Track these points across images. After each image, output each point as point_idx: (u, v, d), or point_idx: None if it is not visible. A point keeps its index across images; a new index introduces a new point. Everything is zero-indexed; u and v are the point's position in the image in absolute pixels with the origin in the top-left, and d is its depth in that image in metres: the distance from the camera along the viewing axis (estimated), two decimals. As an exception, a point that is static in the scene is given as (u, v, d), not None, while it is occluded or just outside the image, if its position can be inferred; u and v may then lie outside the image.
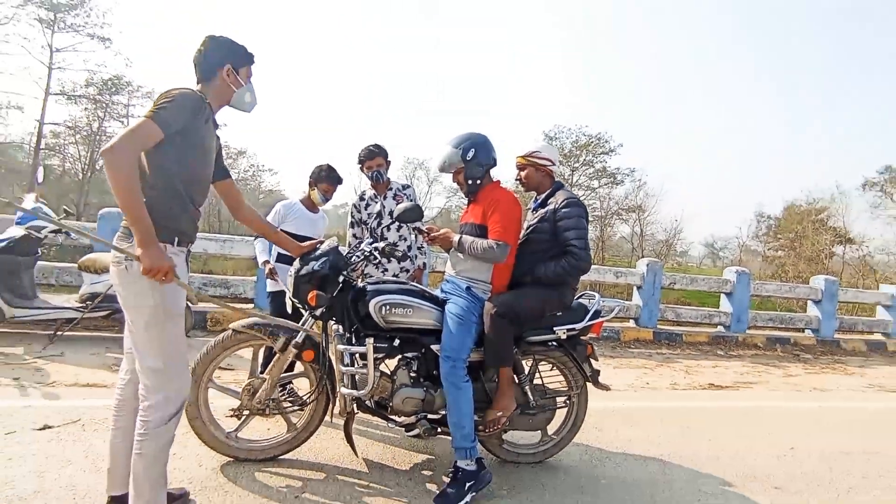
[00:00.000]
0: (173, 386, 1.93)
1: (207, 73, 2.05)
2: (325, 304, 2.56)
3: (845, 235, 21.08)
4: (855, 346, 8.86)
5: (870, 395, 5.81)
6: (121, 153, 1.74)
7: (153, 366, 1.89)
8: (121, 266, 1.90)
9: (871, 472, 3.35)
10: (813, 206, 22.42)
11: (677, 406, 4.51)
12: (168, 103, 1.83)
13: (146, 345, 1.90)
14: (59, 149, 24.05)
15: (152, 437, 1.88)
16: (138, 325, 1.90)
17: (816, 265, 19.64)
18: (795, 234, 21.83)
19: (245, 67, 2.13)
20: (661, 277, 8.07)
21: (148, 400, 1.90)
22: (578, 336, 2.90)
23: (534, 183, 2.94)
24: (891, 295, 9.70)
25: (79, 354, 4.43)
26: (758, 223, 25.62)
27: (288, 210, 3.53)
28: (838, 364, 7.54)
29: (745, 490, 2.92)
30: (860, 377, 6.74)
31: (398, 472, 2.76)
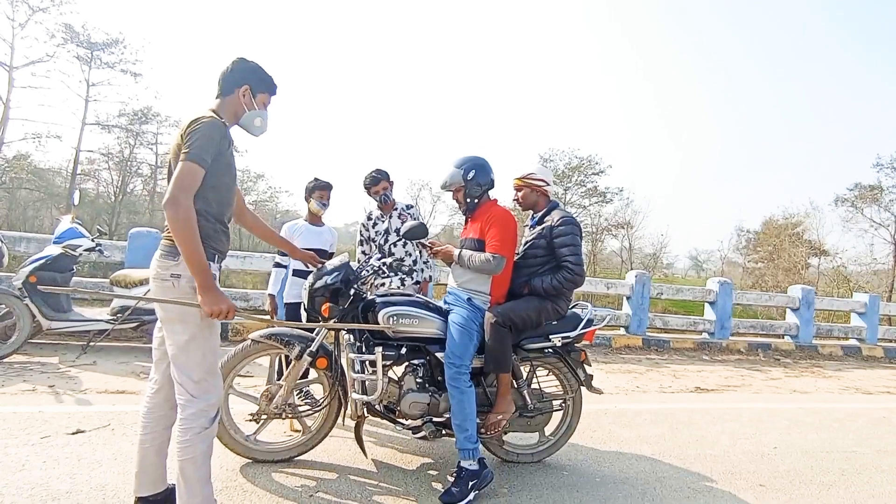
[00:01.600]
0: (214, 393, 1.94)
1: (226, 89, 2.02)
2: (338, 315, 2.57)
3: (820, 248, 21.02)
4: (832, 350, 8.78)
5: (846, 396, 5.74)
6: (182, 205, 1.76)
7: (195, 377, 1.88)
8: (166, 283, 1.89)
9: (849, 469, 3.30)
10: (789, 220, 22.40)
11: (666, 408, 4.46)
12: (200, 139, 1.82)
13: (188, 357, 1.88)
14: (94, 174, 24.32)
15: (198, 441, 1.87)
16: (180, 339, 1.88)
17: (794, 275, 19.55)
18: (773, 247, 21.77)
19: (264, 94, 2.09)
20: (649, 288, 8.04)
21: (190, 408, 1.88)
22: (573, 343, 2.89)
23: (530, 202, 2.96)
24: (864, 303, 9.64)
25: (109, 363, 4.42)
26: (738, 237, 25.64)
27: (293, 230, 3.55)
28: (816, 368, 7.46)
29: (730, 487, 2.88)
30: (837, 380, 6.66)
31: (405, 471, 2.74)
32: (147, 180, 25.39)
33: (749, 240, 24.70)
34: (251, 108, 2.06)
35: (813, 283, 18.91)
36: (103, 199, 24.11)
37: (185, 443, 1.86)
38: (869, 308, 9.53)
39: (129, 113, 22.42)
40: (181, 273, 1.89)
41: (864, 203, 20.17)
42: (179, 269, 1.89)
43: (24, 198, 21.74)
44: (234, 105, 2.03)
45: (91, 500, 2.15)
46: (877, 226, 19.96)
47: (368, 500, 2.38)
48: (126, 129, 22.67)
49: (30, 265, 4.43)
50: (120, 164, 23.57)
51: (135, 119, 22.62)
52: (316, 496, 2.37)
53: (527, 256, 2.85)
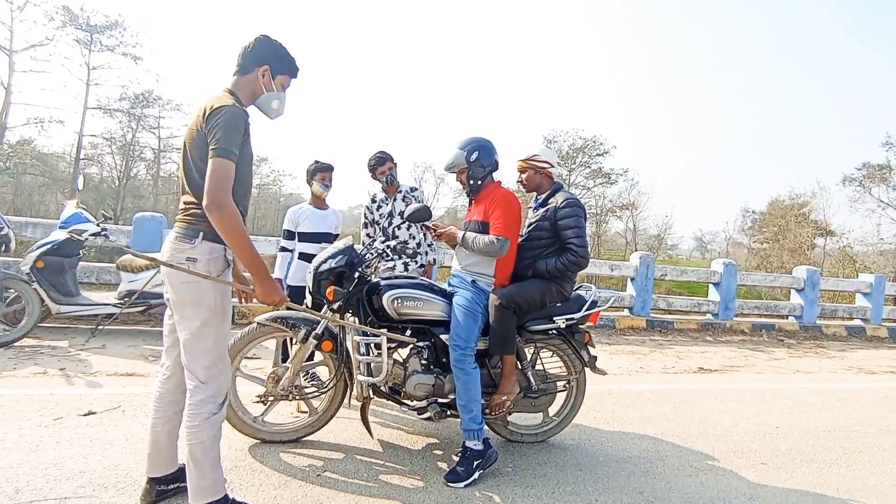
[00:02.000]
0: (223, 379, 1.94)
1: (245, 67, 1.96)
2: (343, 298, 2.58)
3: (826, 228, 20.86)
4: (836, 331, 8.77)
5: (849, 376, 5.75)
6: (226, 206, 1.74)
7: (205, 362, 1.88)
8: (183, 266, 1.86)
9: (850, 448, 3.32)
10: (795, 200, 22.20)
11: (669, 388, 4.49)
12: (226, 132, 1.77)
13: (199, 343, 1.87)
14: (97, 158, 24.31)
15: (208, 425, 1.87)
16: (194, 324, 1.86)
17: (799, 256, 19.46)
18: (779, 228, 21.64)
19: (284, 76, 2.03)
20: (654, 269, 8.02)
21: (199, 394, 1.87)
22: (577, 325, 2.89)
23: (534, 184, 2.93)
24: (869, 283, 9.59)
25: (118, 346, 4.48)
26: (743, 217, 25.47)
27: (299, 214, 3.55)
28: (820, 348, 7.47)
29: (733, 466, 2.91)
30: (840, 360, 6.67)
31: (411, 452, 2.78)
32: (150, 164, 25.37)
33: (755, 220, 24.56)
34: (269, 89, 2.00)
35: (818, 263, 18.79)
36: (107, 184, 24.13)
37: (195, 428, 1.86)
38: (874, 288, 9.48)
39: (131, 97, 22.32)
40: (197, 257, 1.87)
41: (872, 183, 19.92)
42: (196, 253, 1.87)
43: (29, 183, 21.79)
44: (252, 85, 1.97)
45: (104, 480, 2.20)
46: (884, 205, 19.75)
47: (374, 480, 2.42)
48: (128, 112, 22.59)
49: (37, 250, 4.46)
50: (123, 148, 23.53)
51: (136, 103, 22.53)
52: (323, 475, 2.41)
53: (531, 238, 2.84)
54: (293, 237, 3.54)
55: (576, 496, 2.41)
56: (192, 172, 1.85)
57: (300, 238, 3.53)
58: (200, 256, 1.87)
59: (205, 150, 1.80)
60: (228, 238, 1.78)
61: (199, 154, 1.82)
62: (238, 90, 1.96)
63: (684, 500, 2.46)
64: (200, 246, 1.87)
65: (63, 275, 4.58)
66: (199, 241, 1.87)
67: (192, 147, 1.84)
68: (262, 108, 2.05)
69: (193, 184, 1.86)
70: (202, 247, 1.87)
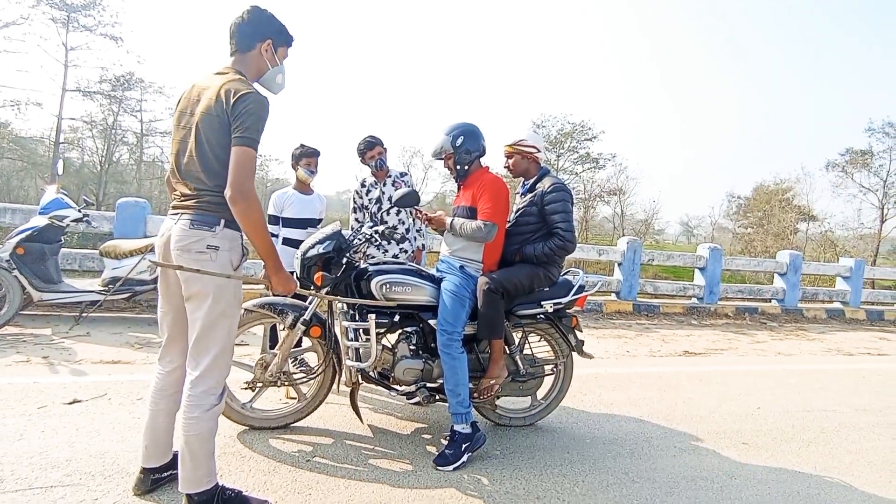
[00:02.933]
0: (226, 370, 1.90)
1: (245, 45, 1.88)
2: (331, 284, 2.56)
3: (809, 213, 21.18)
4: (816, 314, 8.97)
5: (828, 358, 5.89)
6: (252, 197, 1.73)
7: (214, 352, 1.83)
8: (203, 255, 1.79)
9: (828, 427, 3.41)
10: (780, 186, 22.47)
11: (655, 371, 4.56)
12: (254, 121, 1.73)
13: (214, 332, 1.82)
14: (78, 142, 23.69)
15: (207, 417, 1.83)
16: (214, 313, 1.81)
17: (782, 241, 19.78)
18: (763, 213, 21.92)
19: (283, 47, 1.97)
20: (640, 254, 8.09)
21: (200, 386, 1.82)
22: (564, 309, 2.91)
23: (521, 169, 2.92)
24: (849, 267, 9.79)
25: (103, 334, 4.42)
26: (729, 203, 25.72)
27: (283, 199, 3.50)
28: (801, 331, 7.64)
29: (715, 446, 2.98)
30: (820, 342, 6.83)
31: (400, 436, 2.79)
32: (133, 148, 24.81)
33: (740, 205, 24.82)
34: (274, 64, 1.94)
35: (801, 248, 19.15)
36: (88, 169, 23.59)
37: (193, 419, 1.82)
38: (854, 272, 9.69)
39: (111, 79, 21.69)
40: (219, 245, 1.81)
41: (854, 168, 20.21)
42: (217, 241, 1.80)
43: (7, 167, 21.22)
44: (256, 62, 1.91)
45: (91, 468, 2.18)
46: (865, 191, 20.08)
47: (364, 465, 2.43)
48: (108, 95, 21.97)
49: (16, 236, 4.35)
50: (104, 131, 22.96)
51: (117, 85, 21.90)
52: (313, 461, 2.42)
53: (518, 224, 2.83)
54: (277, 222, 3.49)
55: (563, 477, 2.46)
56: (209, 159, 1.78)
57: (284, 223, 3.49)
58: (223, 244, 1.82)
59: (226, 137, 1.75)
60: (251, 229, 1.76)
61: (220, 141, 1.76)
62: (244, 69, 1.89)
63: (668, 479, 2.52)
64: (223, 233, 1.82)
65: (44, 262, 4.49)
66: (220, 228, 1.81)
67: (211, 133, 1.77)
68: (266, 85, 1.99)
69: (210, 170, 1.79)
70: (224, 234, 1.82)
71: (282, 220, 3.49)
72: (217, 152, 1.77)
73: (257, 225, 1.77)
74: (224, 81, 1.79)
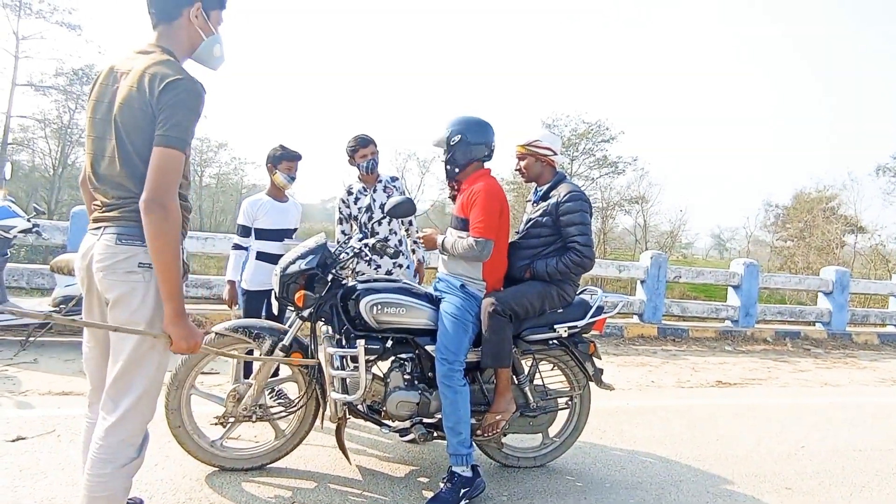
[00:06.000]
0: (149, 414, 1.75)
1: (168, 13, 1.73)
2: (314, 305, 2.56)
3: (857, 224, 21.26)
4: (867, 338, 8.95)
5: (882, 389, 5.87)
6: (171, 210, 1.60)
7: (138, 392, 1.69)
8: (134, 276, 1.67)
9: (883, 469, 3.39)
10: (823, 193, 22.59)
11: (684, 404, 4.54)
12: (183, 116, 1.62)
13: (139, 369, 1.69)
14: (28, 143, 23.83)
15: (122, 475, 1.68)
16: (143, 345, 1.68)
17: (827, 255, 19.81)
18: (805, 224, 22.01)
19: (216, 11, 1.81)
20: (666, 271, 8.10)
21: (116, 434, 1.67)
22: (580, 334, 2.91)
23: (534, 174, 2.94)
24: (904, 285, 9.79)
25: (52, 361, 4.40)
26: (766, 212, 25.86)
27: (256, 207, 3.49)
28: (850, 358, 7.61)
29: (754, 491, 2.95)
30: (872, 371, 6.81)
31: (392, 479, 2.77)
32: (91, 150, 24.94)
33: (778, 216, 24.96)
34: (208, 32, 1.79)
35: (848, 263, 19.16)
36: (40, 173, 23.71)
37: (104, 477, 1.65)
38: (909, 291, 9.69)
39: (68, 72, 21.92)
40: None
41: (907, 173, 20.35)
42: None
43: (-53, 171, 21.28)
44: (186, 33, 1.76)
45: (36, 516, 2.16)
46: (920, 198, 20.19)
47: (351, 511, 2.40)
48: (65, 90, 22.17)
49: (-44, 250, 4.36)
50: (58, 131, 23.12)
51: (74, 79, 22.11)
52: (292, 507, 2.40)
53: (529, 236, 2.84)
54: (249, 234, 3.50)
55: (579, 527, 2.43)
56: (133, 160, 1.66)
57: (258, 235, 3.49)
58: None
59: (150, 131, 1.62)
60: (162, 249, 1.59)
61: (145, 138, 1.64)
62: (171, 45, 1.74)
63: (700, 530, 2.49)
64: None
65: (-13, 278, 4.48)
66: None
67: (133, 128, 1.64)
68: (202, 60, 1.86)
69: (136, 175, 1.66)
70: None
71: (255, 231, 3.49)
72: (143, 152, 1.65)
73: (168, 247, 1.60)
74: (148, 64, 1.65)
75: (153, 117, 1.63)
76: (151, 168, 1.60)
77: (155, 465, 2.64)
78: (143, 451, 1.77)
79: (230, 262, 3.55)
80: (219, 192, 34.26)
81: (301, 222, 3.78)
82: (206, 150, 31.88)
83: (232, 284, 3.50)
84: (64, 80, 22.03)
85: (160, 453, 2.74)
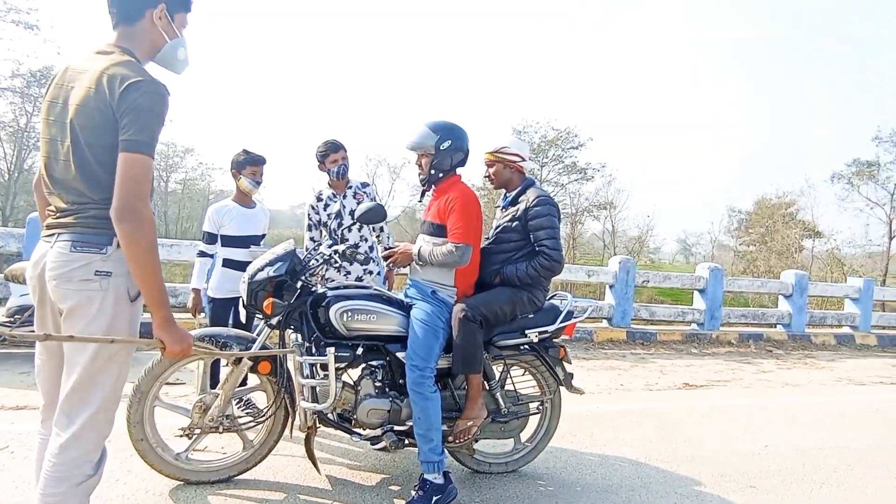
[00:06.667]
0: (107, 428, 1.69)
1: (130, 14, 1.68)
2: (283, 313, 2.52)
3: (814, 229, 22.09)
4: (825, 339, 9.28)
5: (839, 388, 6.09)
6: (146, 218, 1.55)
7: (94, 406, 1.62)
8: (90, 284, 1.59)
9: (841, 466, 3.51)
10: (783, 199, 23.40)
11: (652, 407, 4.62)
12: (148, 120, 1.58)
13: (96, 382, 1.62)
14: (-18, 147, 22.92)
15: (78, 493, 1.60)
16: (100, 357, 1.61)
17: (787, 259, 20.51)
18: (766, 229, 22.74)
19: (181, 14, 1.78)
20: (634, 275, 8.26)
21: (72, 450, 1.59)
22: (551, 338, 2.94)
23: (502, 180, 2.96)
24: (857, 288, 10.20)
25: (6, 374, 4.23)
26: (729, 218, 26.63)
27: (223, 213, 3.43)
28: (809, 358, 7.88)
29: (720, 490, 3.02)
30: (830, 371, 7.06)
31: (363, 488, 2.74)
32: (49, 155, 24.17)
33: (741, 221, 25.73)
34: (172, 35, 1.75)
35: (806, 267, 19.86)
36: (-6, 178, 22.80)
37: (58, 496, 1.57)
38: (863, 293, 10.09)
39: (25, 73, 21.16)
40: (111, 270, 1.62)
41: (860, 180, 21.26)
42: (109, 265, 1.61)
43: None
44: (149, 35, 1.72)
45: (-13, 537, 2.06)
46: (872, 205, 21.14)
47: (321, 522, 2.37)
48: (21, 92, 21.40)
49: None
50: (14, 134, 22.31)
51: (32, 81, 21.38)
52: (260, 520, 2.35)
53: (499, 241, 2.86)
54: (215, 240, 3.43)
55: (551, 532, 2.44)
56: (90, 165, 1.60)
57: (224, 242, 3.43)
58: (116, 269, 1.62)
59: (112, 136, 1.57)
60: (140, 259, 1.56)
61: (103, 142, 1.58)
62: (132, 46, 1.69)
63: (669, 530, 2.53)
64: (116, 255, 1.62)
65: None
66: (113, 248, 1.62)
67: (91, 131, 1.59)
68: (166, 63, 1.81)
69: (93, 180, 1.61)
70: (119, 256, 1.61)
71: (221, 238, 3.43)
72: (100, 156, 1.60)
73: (147, 254, 1.56)
74: (107, 64, 1.59)
75: (113, 120, 1.57)
76: (120, 175, 1.55)
77: (116, 480, 2.56)
78: (101, 467, 1.68)
79: (195, 269, 3.48)
80: (185, 198, 33.54)
81: (270, 229, 3.74)
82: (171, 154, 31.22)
83: (196, 293, 3.43)
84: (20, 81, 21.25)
85: (121, 468, 2.66)
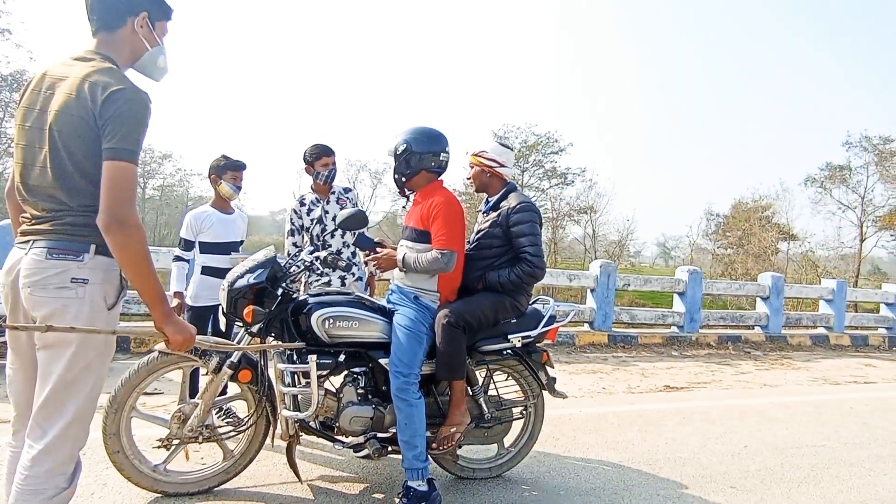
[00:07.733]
0: (82, 440, 1.65)
1: (111, 21, 1.68)
2: (263, 320, 2.50)
3: (789, 232, 22.57)
4: (801, 340, 9.47)
5: (815, 388, 6.21)
6: (134, 225, 1.55)
7: (70, 417, 1.58)
8: (67, 292, 1.57)
9: (818, 465, 3.58)
10: (759, 202, 23.86)
11: (634, 410, 4.66)
12: (132, 128, 1.57)
13: (71, 392, 1.59)
14: (-49, 152, 22.29)
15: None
16: (76, 366, 1.58)
17: (763, 262, 20.90)
18: (743, 232, 23.15)
19: (161, 22, 1.79)
20: (615, 279, 8.34)
21: (45, 463, 1.55)
22: (534, 343, 2.95)
23: (480, 184, 2.97)
24: (831, 289, 10.43)
25: (-23, 386, 4.10)
26: (707, 221, 27.01)
27: (200, 220, 3.39)
28: (786, 359, 8.03)
29: (701, 491, 3.05)
30: (806, 371, 7.20)
31: (346, 496, 2.71)
32: (21, 160, 23.61)
33: (719, 224, 26.12)
34: (153, 43, 1.76)
35: (782, 269, 20.28)
36: (-36, 184, 22.19)
37: None
38: (836, 294, 10.33)
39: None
40: (88, 277, 1.60)
41: (832, 184, 21.79)
42: (85, 272, 1.59)
43: None
44: (130, 42, 1.72)
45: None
46: (844, 208, 21.66)
47: (304, 533, 2.34)
48: (-8, 97, 20.91)
49: None
50: (-15, 140, 21.75)
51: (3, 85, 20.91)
52: (241, 532, 2.31)
53: (481, 247, 2.87)
54: (192, 247, 3.38)
55: (535, 536, 2.45)
56: (68, 172, 1.60)
57: (203, 248, 3.38)
58: (93, 276, 1.61)
59: (92, 144, 1.57)
60: (133, 264, 1.58)
61: (83, 149, 1.57)
62: (112, 53, 1.69)
63: (652, 532, 2.55)
64: (94, 261, 1.60)
65: None
66: (90, 255, 1.60)
67: (71, 138, 1.57)
68: (145, 70, 1.82)
69: (71, 187, 1.60)
70: (96, 262, 1.61)
71: (199, 244, 3.38)
72: (80, 163, 1.59)
73: (139, 260, 1.58)
74: (88, 71, 1.58)
75: (95, 128, 1.57)
76: (105, 184, 1.55)
77: (91, 494, 2.50)
78: (75, 480, 1.65)
79: (173, 273, 3.40)
80: (163, 204, 33.02)
81: (250, 235, 3.70)
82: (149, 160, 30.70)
83: (179, 296, 3.34)
84: (-9, 86, 20.79)
85: (97, 481, 2.60)
